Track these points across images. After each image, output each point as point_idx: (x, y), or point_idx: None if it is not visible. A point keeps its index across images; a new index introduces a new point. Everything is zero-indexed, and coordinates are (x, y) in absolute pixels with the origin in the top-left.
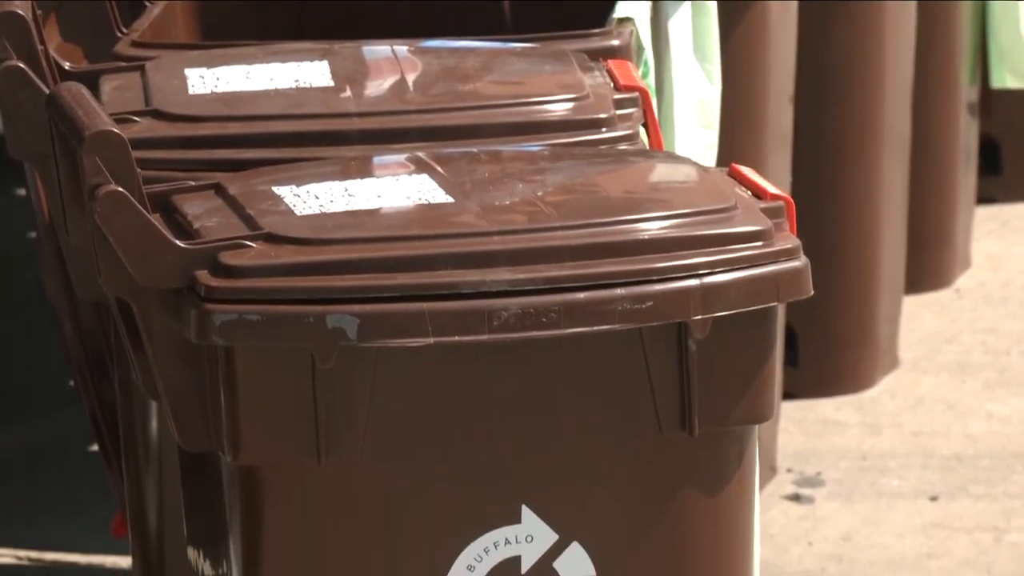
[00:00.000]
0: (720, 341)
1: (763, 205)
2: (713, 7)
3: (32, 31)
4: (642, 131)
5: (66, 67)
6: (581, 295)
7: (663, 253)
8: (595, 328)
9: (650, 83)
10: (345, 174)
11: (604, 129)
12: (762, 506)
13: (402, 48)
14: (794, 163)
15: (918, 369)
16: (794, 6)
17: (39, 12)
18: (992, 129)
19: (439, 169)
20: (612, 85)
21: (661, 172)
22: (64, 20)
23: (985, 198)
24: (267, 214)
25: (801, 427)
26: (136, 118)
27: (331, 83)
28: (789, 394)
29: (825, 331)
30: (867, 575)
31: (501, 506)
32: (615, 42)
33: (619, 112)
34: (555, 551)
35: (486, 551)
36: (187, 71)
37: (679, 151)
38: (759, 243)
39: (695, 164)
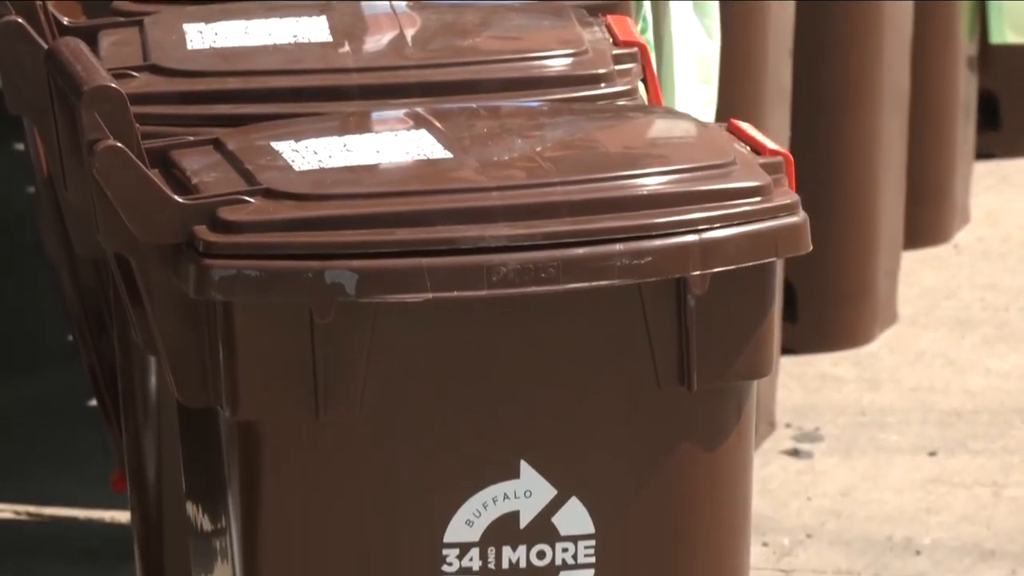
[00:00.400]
0: (719, 297)
1: (762, 161)
2: None
3: None
4: (641, 87)
5: (64, 22)
6: (580, 250)
7: (662, 209)
8: (594, 284)
9: (649, 38)
10: (344, 129)
11: (603, 84)
12: (760, 461)
13: (401, 4)
14: (793, 118)
15: (917, 324)
16: None
17: None
18: (991, 84)
19: (438, 125)
20: (611, 40)
21: (660, 128)
22: None
23: (984, 153)
24: (266, 169)
25: (800, 382)
26: (134, 73)
27: (330, 38)
28: (788, 349)
29: (824, 286)
30: (865, 530)
31: (500, 461)
32: None
33: (618, 68)
34: (554, 506)
35: (485, 506)
36: (185, 26)
37: (678, 106)
38: (758, 199)
39: (694, 120)
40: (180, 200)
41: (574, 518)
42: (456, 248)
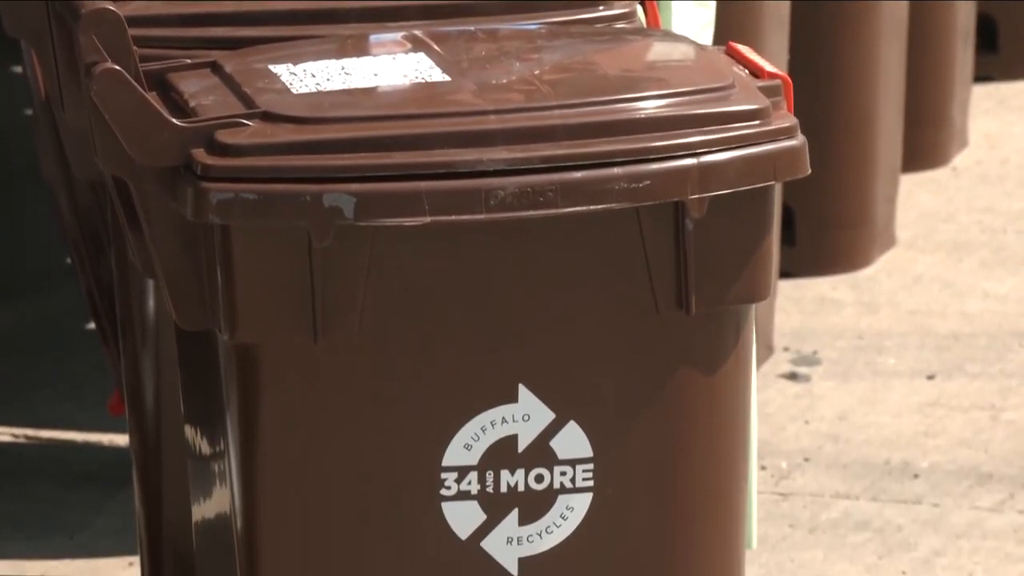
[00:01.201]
0: (717, 220)
1: (760, 84)
2: None
3: None
4: (639, 9)
5: None
6: (578, 174)
7: (660, 132)
8: (592, 207)
9: None
10: (342, 52)
11: (601, 7)
12: (759, 385)
13: None
14: (792, 41)
15: (915, 248)
16: None
17: None
18: (990, 7)
19: (436, 47)
20: None
21: (658, 51)
22: None
23: (982, 77)
24: (264, 92)
25: (798, 306)
26: None
27: None
28: (786, 273)
29: (822, 210)
30: (863, 454)
31: (498, 385)
32: None
33: None
34: (552, 430)
35: (483, 430)
36: None
37: (676, 29)
38: (756, 122)
39: (692, 42)
40: (178, 123)
41: (572, 442)
42: (454, 172)
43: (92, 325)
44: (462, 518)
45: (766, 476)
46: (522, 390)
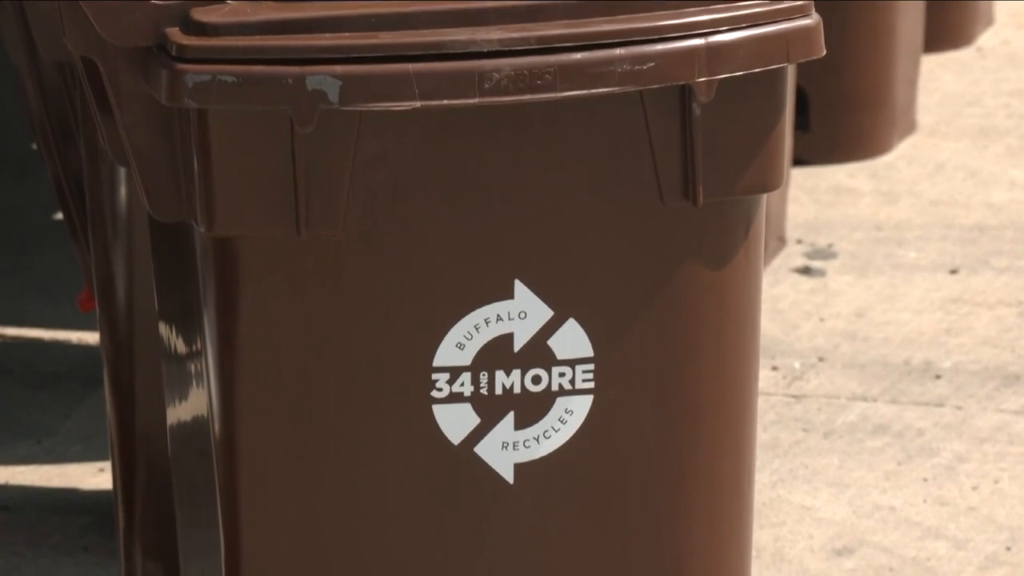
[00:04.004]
0: (726, 104)
1: None
2: None
3: None
4: None
5: None
6: (577, 55)
7: (665, 11)
8: (593, 91)
9: None
10: None
11: None
12: (770, 280)
13: None
14: None
15: (937, 134)
16: None
17: None
18: None
19: None
20: None
21: None
22: None
23: None
24: None
25: (812, 196)
26: None
27: None
28: (799, 160)
29: (838, 93)
30: (882, 353)
31: (492, 281)
32: None
33: None
34: (550, 328)
35: (477, 328)
36: None
37: None
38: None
39: None
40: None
41: (572, 341)
42: (445, 53)
43: (60, 216)
44: (454, 422)
45: (778, 377)
46: (518, 286)
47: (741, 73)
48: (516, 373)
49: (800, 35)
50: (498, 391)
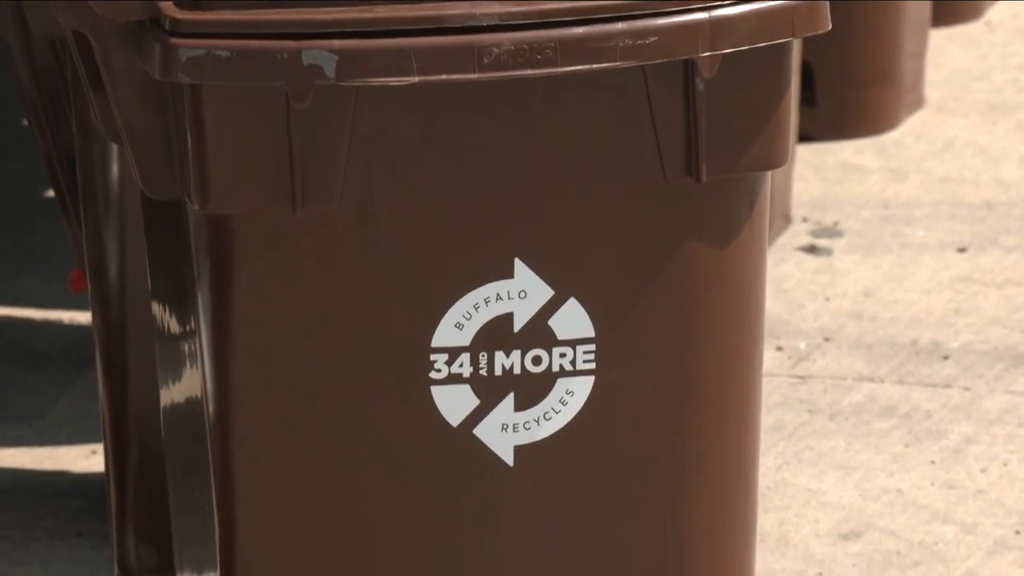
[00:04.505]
0: (730, 80)
1: None
2: None
3: None
4: None
5: None
6: (579, 29)
7: None
8: (593, 66)
9: None
10: None
11: None
12: (775, 259)
13: None
14: None
15: (946, 110)
16: None
17: None
18: None
19: None
20: None
21: None
22: None
23: None
24: None
25: (818, 173)
26: None
27: None
28: (805, 136)
29: (845, 68)
30: (889, 333)
31: (492, 260)
32: None
33: None
34: (550, 308)
35: (476, 308)
36: None
37: None
38: None
39: None
40: None
41: (573, 321)
42: (444, 27)
43: (51, 194)
44: (453, 403)
45: (783, 358)
46: (518, 264)
47: (745, 48)
48: (516, 354)
49: (806, 9)
50: (498, 372)
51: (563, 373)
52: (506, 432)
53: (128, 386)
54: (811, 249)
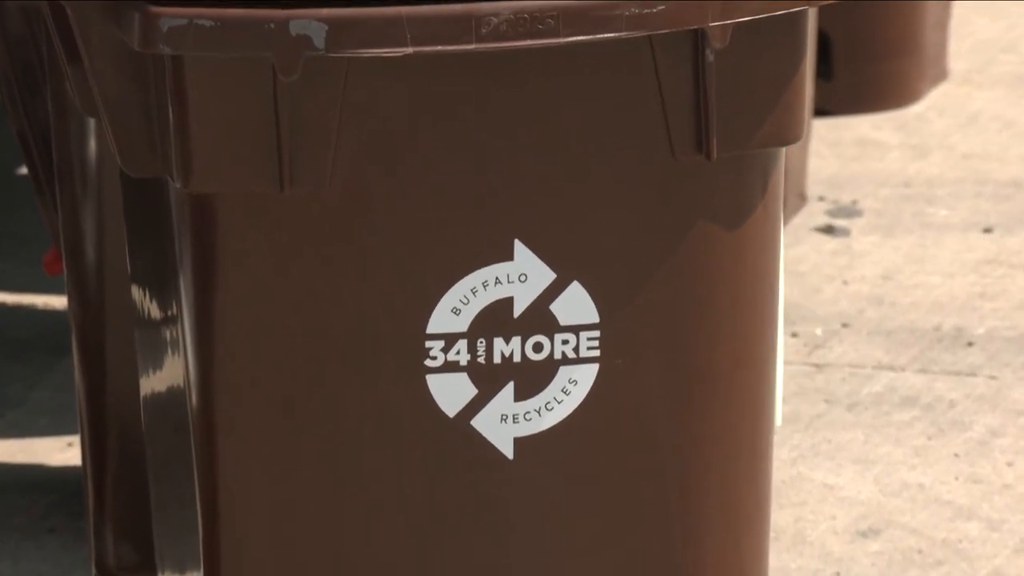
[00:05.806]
0: (742, 51)
1: None
2: None
3: None
4: None
5: None
6: None
7: None
8: (598, 36)
9: None
10: None
11: None
12: (790, 240)
13: None
14: None
15: (970, 82)
16: None
17: None
18: None
19: None
20: None
21: None
22: None
23: None
24: None
25: (835, 149)
26: None
27: None
28: (821, 111)
29: (863, 39)
30: (910, 319)
31: (490, 241)
32: None
33: None
34: (552, 292)
35: (474, 292)
36: None
37: None
38: None
39: None
40: None
41: (576, 306)
42: None
43: (25, 171)
44: (449, 392)
45: (799, 345)
46: (518, 246)
47: (758, 17)
48: (516, 340)
49: None
50: (496, 360)
51: (566, 361)
52: (505, 423)
53: (107, 375)
54: (828, 230)
